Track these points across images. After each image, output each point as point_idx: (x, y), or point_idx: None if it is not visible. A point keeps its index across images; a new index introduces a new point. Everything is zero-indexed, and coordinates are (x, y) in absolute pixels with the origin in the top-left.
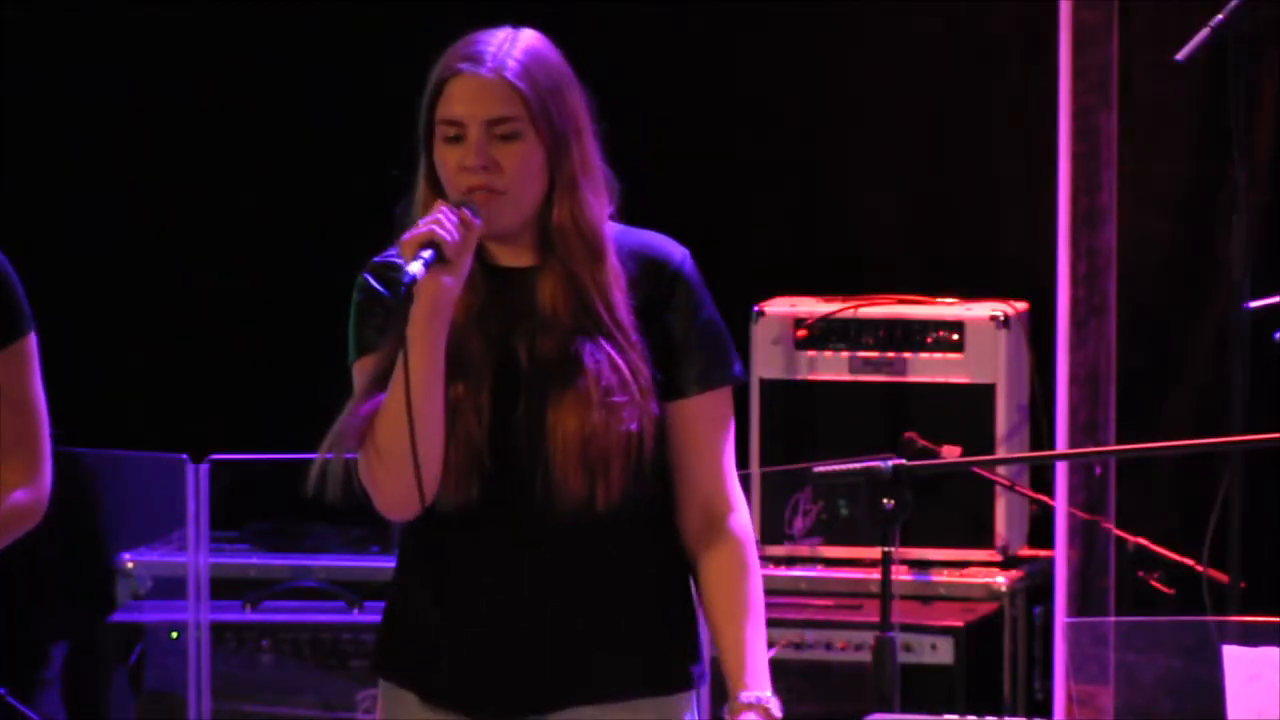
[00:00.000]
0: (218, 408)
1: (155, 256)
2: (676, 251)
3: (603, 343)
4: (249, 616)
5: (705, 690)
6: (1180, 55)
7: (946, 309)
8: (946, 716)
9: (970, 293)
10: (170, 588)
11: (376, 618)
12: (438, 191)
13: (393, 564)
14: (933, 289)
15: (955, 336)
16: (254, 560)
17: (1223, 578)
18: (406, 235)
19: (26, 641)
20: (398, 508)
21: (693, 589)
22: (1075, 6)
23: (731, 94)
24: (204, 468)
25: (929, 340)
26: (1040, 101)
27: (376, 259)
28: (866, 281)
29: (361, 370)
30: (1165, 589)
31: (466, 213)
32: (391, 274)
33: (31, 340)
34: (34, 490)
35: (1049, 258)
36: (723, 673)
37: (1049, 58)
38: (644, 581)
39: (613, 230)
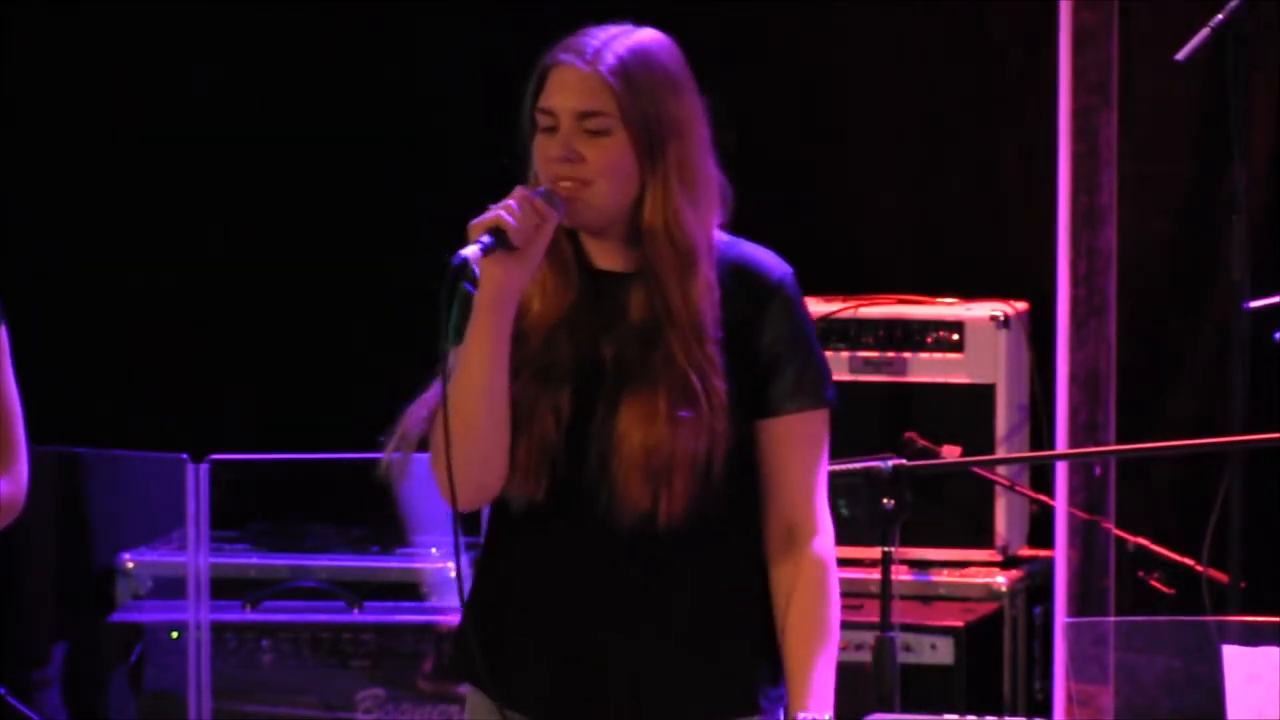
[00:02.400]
0: (218, 407)
1: (156, 257)
2: (777, 268)
3: (681, 355)
4: (249, 616)
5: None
6: (1180, 55)
7: (946, 309)
8: (946, 716)
9: (970, 293)
10: (170, 587)
11: (377, 618)
12: (537, 182)
13: (392, 564)
14: (933, 289)
15: (955, 336)
16: (254, 560)
17: (1223, 578)
18: (475, 220)
19: (27, 641)
20: (457, 497)
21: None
22: (1075, 7)
23: (731, 94)
24: (204, 467)
25: (929, 340)
26: (1040, 101)
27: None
28: (866, 281)
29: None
30: (1165, 589)
31: (540, 200)
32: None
33: (3, 334)
34: (12, 481)
35: (1049, 258)
36: (787, 692)
37: (1049, 58)
38: (712, 601)
39: (719, 240)
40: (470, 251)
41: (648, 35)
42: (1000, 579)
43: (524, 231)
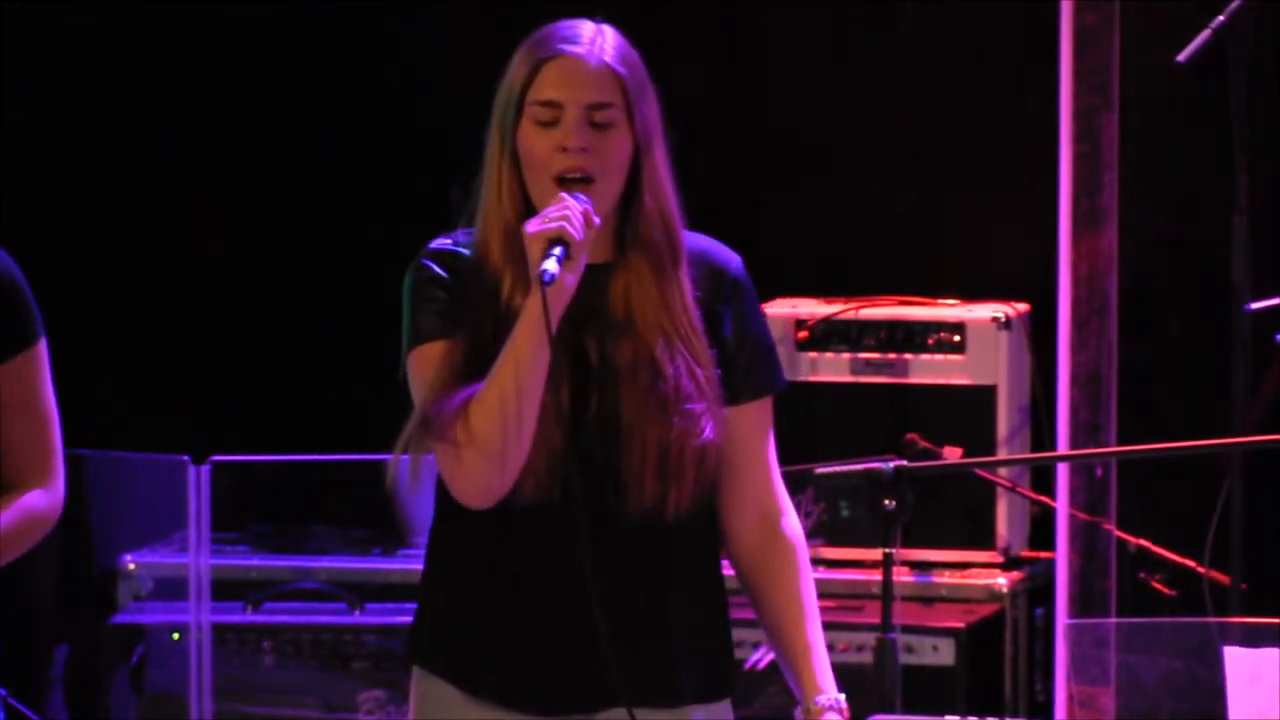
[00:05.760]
0: (219, 409)
1: (156, 257)
2: (734, 259)
3: (679, 346)
4: (250, 618)
5: None
6: (1181, 57)
7: (948, 310)
8: (948, 718)
9: (971, 294)
10: (172, 589)
11: (378, 619)
12: (520, 177)
13: (393, 565)
14: (934, 290)
15: (956, 338)
16: (255, 561)
17: (1224, 579)
18: (532, 228)
19: (28, 643)
20: (483, 496)
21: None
22: (1076, 8)
23: (730, 94)
24: (205, 469)
25: (930, 341)
26: (1041, 102)
27: (434, 245)
28: (867, 282)
29: (424, 357)
30: (1166, 590)
31: (590, 209)
32: (452, 260)
33: (43, 347)
34: (50, 494)
35: (1050, 259)
36: (790, 675)
37: (1050, 59)
38: (699, 586)
39: None
40: (552, 267)
41: (617, 33)
42: (1001, 580)
43: (586, 241)
